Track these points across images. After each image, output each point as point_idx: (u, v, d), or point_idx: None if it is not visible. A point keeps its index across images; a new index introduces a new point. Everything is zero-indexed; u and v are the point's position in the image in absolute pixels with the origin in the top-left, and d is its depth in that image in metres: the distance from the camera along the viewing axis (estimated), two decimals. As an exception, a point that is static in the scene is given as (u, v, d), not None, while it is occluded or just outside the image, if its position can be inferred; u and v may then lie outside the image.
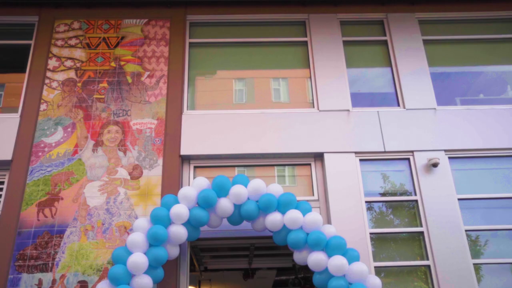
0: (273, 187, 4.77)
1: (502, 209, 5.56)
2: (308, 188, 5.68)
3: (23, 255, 4.95)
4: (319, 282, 4.62)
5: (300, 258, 4.70)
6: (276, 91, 6.36)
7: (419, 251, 5.32)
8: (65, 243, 5.04)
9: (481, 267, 5.25)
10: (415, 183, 5.57)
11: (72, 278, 4.88)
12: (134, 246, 4.41)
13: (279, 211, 4.66)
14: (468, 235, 5.34)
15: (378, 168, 5.72)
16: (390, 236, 5.41)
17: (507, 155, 5.77)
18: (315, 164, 5.73)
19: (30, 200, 5.21)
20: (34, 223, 5.11)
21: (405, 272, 5.24)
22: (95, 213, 5.19)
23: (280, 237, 4.73)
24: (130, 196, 5.30)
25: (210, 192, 4.62)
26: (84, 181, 5.35)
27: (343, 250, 4.51)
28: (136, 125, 5.69)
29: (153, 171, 5.43)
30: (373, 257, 5.19)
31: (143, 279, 4.34)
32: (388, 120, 5.84)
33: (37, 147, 5.49)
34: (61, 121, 5.67)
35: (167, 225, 4.57)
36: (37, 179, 5.33)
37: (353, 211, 5.32)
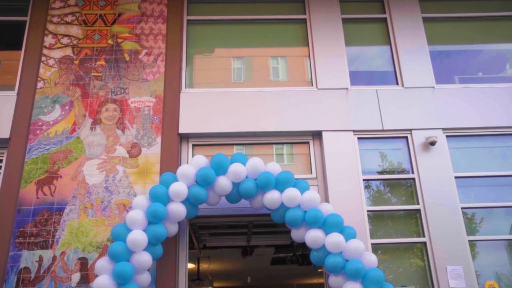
0: (271, 166, 4.79)
1: (498, 187, 5.60)
2: (306, 167, 5.70)
3: (23, 233, 5.00)
4: (316, 259, 4.68)
5: (297, 236, 4.76)
6: (274, 69, 6.33)
7: (416, 228, 5.38)
8: (64, 220, 5.08)
9: (476, 244, 5.32)
10: (413, 161, 5.60)
11: (72, 255, 4.93)
12: (133, 224, 4.45)
13: (277, 189, 4.69)
14: (464, 213, 5.40)
15: (376, 146, 5.74)
16: (387, 214, 5.46)
17: (504, 133, 5.78)
18: (313, 143, 5.74)
19: (29, 178, 5.23)
20: (33, 201, 5.14)
21: (401, 249, 5.31)
22: (94, 191, 5.22)
23: (278, 215, 4.78)
24: (128, 174, 5.32)
25: (209, 170, 4.65)
26: (83, 159, 5.36)
27: (340, 227, 4.56)
28: (134, 103, 5.67)
29: (151, 149, 5.44)
30: (370, 235, 5.25)
31: (143, 256, 4.39)
32: (387, 98, 5.84)
33: (35, 125, 5.48)
34: (58, 99, 5.65)
35: (166, 202, 4.60)
36: (36, 157, 5.34)
37: (351, 189, 5.35)
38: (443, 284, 4.98)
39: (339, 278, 4.54)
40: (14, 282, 4.78)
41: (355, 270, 4.36)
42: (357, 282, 4.43)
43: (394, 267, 5.22)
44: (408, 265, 5.24)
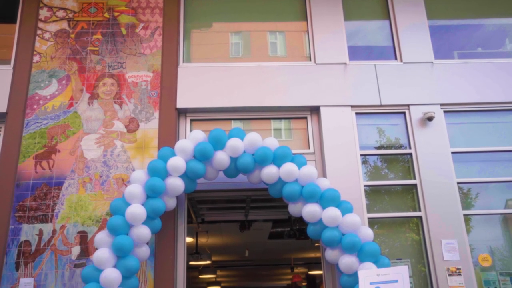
0: (269, 141, 4.81)
1: (494, 162, 5.64)
2: (304, 142, 5.72)
3: (23, 206, 5.03)
4: (313, 233, 4.74)
5: (295, 210, 4.80)
6: (272, 44, 6.28)
7: (412, 203, 5.43)
8: (63, 195, 5.11)
9: (471, 218, 5.39)
10: (410, 136, 5.61)
11: (72, 229, 4.98)
12: (132, 198, 4.48)
13: (275, 164, 4.71)
14: (460, 188, 5.44)
15: (373, 121, 5.74)
16: (384, 189, 5.51)
17: (502, 109, 5.79)
18: (311, 118, 5.74)
19: (27, 153, 5.24)
20: (32, 175, 5.16)
21: (397, 224, 5.37)
22: (92, 165, 5.24)
23: (275, 189, 4.81)
24: (127, 149, 5.33)
25: (207, 145, 4.66)
26: (81, 134, 5.36)
27: (337, 202, 4.60)
28: (132, 77, 5.64)
29: (149, 124, 5.44)
30: (367, 209, 5.30)
31: (142, 230, 4.44)
32: (385, 73, 5.81)
33: (32, 100, 5.46)
34: (55, 73, 5.61)
35: (164, 177, 4.62)
36: (33, 131, 5.33)
37: (348, 164, 5.38)
38: (437, 257, 5.06)
39: (335, 252, 4.61)
40: (15, 254, 4.84)
41: (351, 244, 4.42)
42: (353, 255, 4.50)
43: (390, 241, 5.30)
44: (403, 239, 5.31)
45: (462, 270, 5.01)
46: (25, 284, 4.73)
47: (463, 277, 4.98)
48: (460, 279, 4.98)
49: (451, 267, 5.02)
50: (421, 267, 5.18)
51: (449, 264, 5.03)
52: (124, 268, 4.28)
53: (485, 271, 5.18)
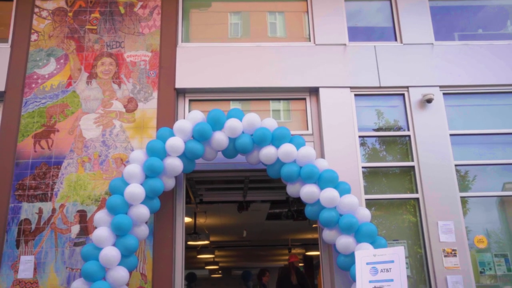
0: (267, 121, 4.81)
1: (492, 145, 5.65)
2: (303, 123, 5.72)
3: (22, 185, 5.05)
4: (311, 214, 4.78)
5: (293, 191, 4.83)
6: (272, 25, 6.23)
7: (409, 185, 5.46)
8: (63, 174, 5.13)
9: (468, 200, 5.42)
10: (409, 118, 5.61)
11: (71, 208, 5.01)
12: (131, 177, 4.50)
13: (273, 145, 4.72)
14: (457, 170, 5.47)
15: (372, 103, 5.74)
16: (382, 171, 5.53)
17: (502, 91, 5.78)
18: (310, 99, 5.73)
19: (26, 132, 5.24)
20: (31, 154, 5.16)
21: (395, 205, 5.41)
22: (91, 145, 5.24)
23: (274, 170, 4.83)
24: (125, 128, 5.33)
25: (205, 125, 4.66)
26: (79, 114, 5.35)
27: (335, 183, 4.63)
28: (130, 57, 5.61)
29: (148, 104, 5.42)
30: (364, 191, 5.33)
31: (140, 209, 4.47)
32: (385, 55, 5.78)
33: (30, 79, 5.43)
34: (53, 52, 5.57)
35: (163, 157, 4.64)
36: (32, 110, 5.32)
37: (347, 146, 5.39)
38: (433, 239, 5.11)
39: (333, 232, 4.65)
40: (16, 232, 4.88)
41: (348, 225, 4.46)
42: (350, 236, 4.54)
43: (387, 222, 5.34)
44: (400, 221, 5.35)
45: (458, 251, 5.06)
46: (26, 261, 4.79)
47: (458, 258, 5.04)
48: (456, 260, 5.04)
49: (447, 248, 5.08)
50: (417, 248, 5.23)
51: (445, 246, 5.09)
52: (123, 246, 4.32)
53: (481, 253, 5.24)
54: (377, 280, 4.08)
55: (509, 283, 5.16)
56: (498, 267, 5.19)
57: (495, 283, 5.18)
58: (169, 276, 4.87)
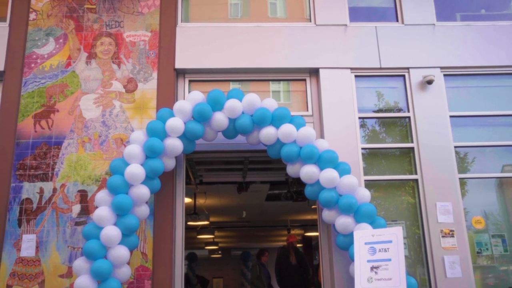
0: (267, 102, 4.80)
1: (492, 127, 5.66)
2: (303, 104, 5.71)
3: (23, 165, 5.07)
4: (310, 194, 4.80)
5: (293, 171, 4.85)
6: (272, 5, 6.16)
7: (409, 167, 5.48)
8: (63, 154, 5.14)
9: (467, 182, 5.45)
10: (409, 100, 5.60)
11: (72, 187, 5.04)
12: (131, 158, 4.52)
13: (273, 125, 4.71)
14: (457, 152, 5.49)
15: (373, 84, 5.72)
16: (381, 152, 5.55)
17: (504, 72, 5.75)
18: (310, 80, 5.71)
19: (26, 112, 5.23)
20: (32, 134, 5.17)
21: (394, 187, 5.44)
22: (91, 125, 5.25)
23: (274, 150, 4.84)
24: (125, 109, 5.33)
25: (205, 106, 4.66)
26: (79, 94, 5.34)
27: (334, 163, 4.64)
28: (130, 37, 5.57)
29: (147, 84, 5.41)
30: (364, 172, 5.35)
31: (141, 189, 4.49)
32: (386, 35, 5.74)
33: (29, 58, 5.41)
34: (52, 31, 5.53)
35: (163, 137, 4.64)
36: (32, 91, 5.31)
37: (347, 127, 5.39)
38: (431, 219, 5.16)
39: (332, 212, 4.68)
40: (17, 212, 4.92)
41: (348, 205, 4.49)
42: (350, 216, 4.57)
43: (386, 203, 5.38)
44: (399, 202, 5.39)
45: (455, 232, 5.11)
46: (28, 240, 4.84)
47: (456, 238, 5.10)
48: (453, 240, 5.09)
49: (445, 229, 5.12)
50: (415, 229, 5.28)
51: (443, 226, 5.14)
52: (124, 226, 4.36)
53: (478, 233, 5.29)
54: (375, 260, 4.14)
55: (505, 264, 5.23)
56: (495, 248, 5.25)
57: (492, 264, 5.24)
58: (169, 255, 4.93)
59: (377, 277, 4.05)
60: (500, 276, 5.20)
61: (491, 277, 5.20)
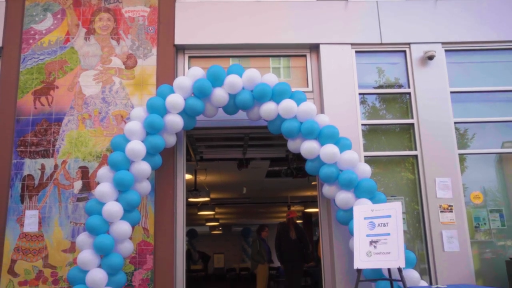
0: (268, 77, 4.78)
1: (493, 103, 5.65)
2: (303, 80, 5.69)
3: (24, 142, 5.09)
4: (311, 169, 4.83)
5: (293, 147, 4.86)
6: (272, -21, 6.06)
7: (409, 143, 5.49)
8: (64, 130, 5.15)
9: (466, 158, 5.47)
10: (410, 76, 5.58)
11: (73, 164, 5.07)
12: (132, 134, 4.53)
13: (274, 101, 4.71)
14: (457, 128, 5.49)
15: (373, 60, 5.69)
16: (381, 129, 5.55)
17: (505, 48, 5.71)
18: (310, 56, 5.68)
19: (26, 88, 5.22)
20: (32, 111, 5.17)
21: (393, 163, 5.46)
22: (91, 102, 5.24)
23: (274, 126, 4.84)
24: (125, 85, 5.31)
25: (205, 82, 4.64)
26: (78, 70, 5.32)
27: (335, 138, 4.65)
28: (128, 12, 5.51)
29: (147, 60, 5.38)
30: (363, 149, 5.37)
31: (142, 165, 4.52)
32: (387, 10, 5.68)
33: (27, 34, 5.36)
34: (49, 7, 5.47)
35: (163, 114, 4.65)
36: (30, 67, 5.28)
37: (347, 103, 5.38)
38: (430, 195, 5.20)
39: (332, 188, 4.72)
40: (19, 188, 4.96)
41: (348, 181, 4.51)
42: (350, 191, 4.61)
43: (386, 180, 5.41)
44: (399, 178, 5.42)
45: (454, 207, 5.16)
46: (31, 215, 4.89)
47: (454, 213, 5.15)
48: (452, 215, 5.15)
49: (443, 204, 5.17)
50: (414, 205, 5.32)
51: (442, 202, 5.18)
52: (126, 202, 4.40)
53: (476, 208, 5.34)
54: (374, 234, 4.19)
55: (503, 239, 5.29)
56: (492, 222, 5.31)
57: (489, 239, 5.30)
58: (170, 231, 4.99)
59: (376, 251, 4.11)
60: (497, 251, 5.27)
61: (488, 252, 5.27)
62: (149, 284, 4.83)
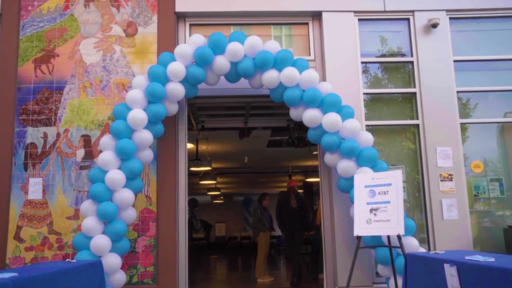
0: (270, 44, 4.73)
1: (496, 71, 5.61)
2: (305, 49, 5.63)
3: (26, 110, 5.09)
4: (313, 138, 4.84)
5: (296, 115, 4.85)
6: None
7: (410, 113, 5.48)
8: (65, 99, 5.15)
9: (468, 128, 5.47)
10: (413, 44, 5.52)
11: (76, 132, 5.08)
12: (133, 103, 4.52)
13: (276, 69, 4.68)
14: (459, 98, 5.47)
15: (376, 28, 5.62)
16: (383, 98, 5.53)
17: (510, 15, 5.63)
18: (312, 24, 5.60)
19: (26, 56, 5.19)
20: (33, 79, 5.15)
21: (395, 132, 5.46)
22: (92, 70, 5.21)
23: (276, 94, 4.83)
24: (126, 53, 5.27)
25: (206, 50, 4.60)
26: (79, 38, 5.27)
27: (337, 107, 4.64)
28: (128, -22, 5.42)
29: (148, 28, 5.32)
30: (365, 118, 5.36)
31: (144, 134, 4.54)
32: (391, -23, 5.58)
33: (26, 1, 5.28)
34: (48, -28, 5.38)
35: (164, 82, 4.63)
36: (30, 34, 5.23)
37: (349, 72, 5.35)
38: (431, 164, 5.23)
39: (334, 156, 4.73)
40: (23, 156, 4.99)
41: (349, 149, 4.53)
42: (352, 160, 4.63)
43: (387, 149, 5.43)
44: (400, 148, 5.44)
45: (454, 176, 5.20)
46: (35, 183, 4.94)
47: (454, 182, 5.18)
48: (452, 184, 5.19)
49: (444, 173, 5.20)
50: (415, 174, 5.36)
51: (442, 170, 5.21)
52: (128, 170, 4.44)
53: (476, 177, 5.38)
54: (375, 202, 4.24)
55: (501, 208, 5.34)
56: (492, 191, 5.35)
57: (488, 207, 5.35)
58: (173, 198, 5.04)
59: (376, 219, 4.17)
60: (496, 220, 5.33)
61: (487, 221, 5.33)
62: (152, 250, 4.92)
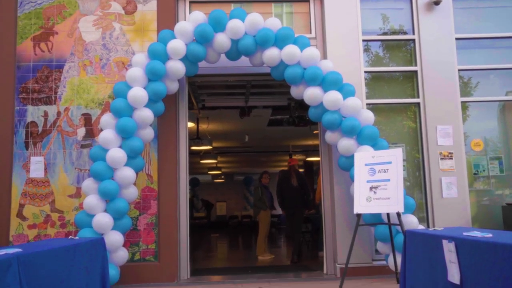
0: (270, 22, 4.68)
1: (498, 49, 5.56)
2: (306, 27, 5.58)
3: (25, 88, 5.07)
4: (314, 116, 4.83)
5: (296, 93, 4.84)
6: None
7: (411, 91, 5.46)
8: (65, 77, 5.12)
9: (468, 106, 5.46)
10: (414, 22, 5.47)
11: (76, 111, 5.08)
12: (134, 81, 4.51)
13: (277, 46, 4.65)
14: (460, 76, 5.44)
15: (378, 5, 5.55)
16: (384, 76, 5.50)
17: (513, -9, 5.58)
18: (313, 1, 5.54)
19: (24, 34, 5.14)
20: (32, 57, 5.12)
21: (395, 111, 5.45)
22: (91, 48, 5.18)
23: (277, 72, 4.80)
24: (125, 31, 5.23)
25: (207, 27, 4.56)
26: (78, 15, 5.22)
27: (338, 85, 4.62)
28: (127, -46, 5.34)
29: (147, 5, 5.26)
30: (366, 97, 5.35)
31: (144, 112, 4.53)
32: (394, -48, 5.50)
33: (24, -22, 5.23)
34: None
35: (164, 60, 4.60)
36: (28, 11, 5.18)
37: (350, 50, 5.31)
38: (431, 142, 5.23)
39: (335, 134, 4.74)
40: (23, 134, 5.00)
41: (350, 127, 4.53)
42: (352, 138, 4.64)
43: (387, 128, 5.43)
44: (400, 127, 5.44)
45: (454, 154, 5.21)
46: (36, 162, 4.96)
47: (454, 160, 5.20)
48: (451, 162, 5.20)
49: (444, 151, 5.21)
50: (415, 153, 5.37)
51: (442, 149, 5.22)
52: (129, 148, 4.45)
53: (476, 156, 5.39)
54: (375, 180, 4.27)
55: (500, 188, 5.37)
56: (491, 169, 5.37)
57: (488, 185, 5.38)
58: (174, 177, 5.06)
59: (376, 197, 4.20)
60: (495, 198, 5.36)
61: (486, 199, 5.37)
62: (154, 228, 4.96)
